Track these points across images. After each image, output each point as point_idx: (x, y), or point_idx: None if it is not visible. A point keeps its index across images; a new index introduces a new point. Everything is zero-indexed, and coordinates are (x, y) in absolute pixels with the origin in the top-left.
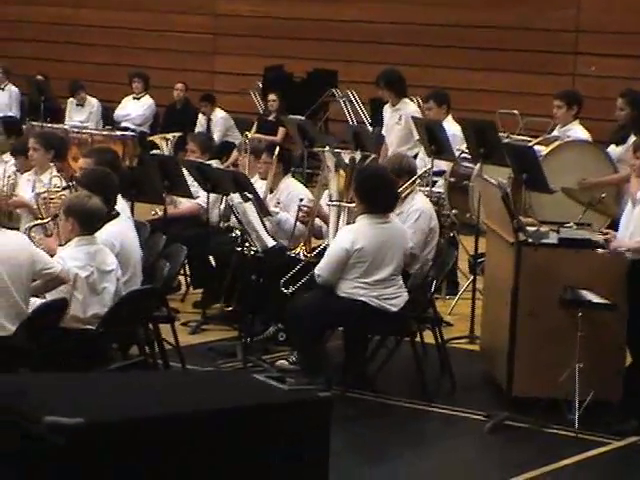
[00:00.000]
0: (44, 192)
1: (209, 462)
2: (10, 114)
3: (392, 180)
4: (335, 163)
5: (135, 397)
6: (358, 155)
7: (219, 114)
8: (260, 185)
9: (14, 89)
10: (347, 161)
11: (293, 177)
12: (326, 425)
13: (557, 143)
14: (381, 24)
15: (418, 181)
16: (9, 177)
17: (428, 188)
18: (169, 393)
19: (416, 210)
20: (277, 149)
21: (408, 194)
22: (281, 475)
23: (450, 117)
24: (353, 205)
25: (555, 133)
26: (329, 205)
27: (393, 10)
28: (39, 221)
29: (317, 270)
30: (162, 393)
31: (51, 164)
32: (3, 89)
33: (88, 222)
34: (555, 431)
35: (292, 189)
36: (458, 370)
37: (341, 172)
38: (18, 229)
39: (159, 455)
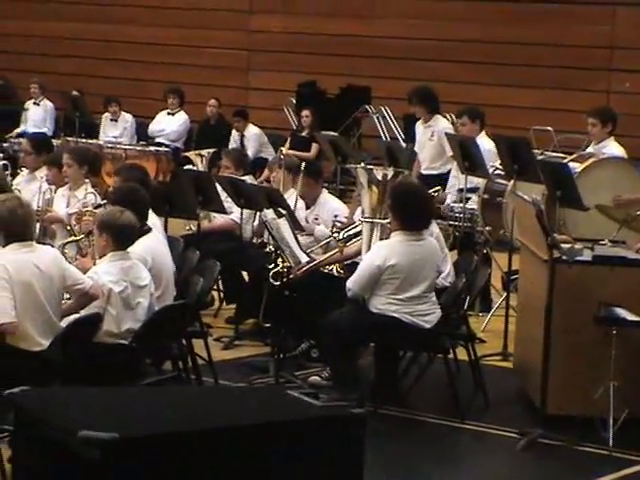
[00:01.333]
0: (77, 211)
1: (242, 477)
2: (41, 130)
3: (428, 197)
4: (368, 179)
5: (168, 412)
6: (390, 171)
7: (252, 130)
8: (293, 201)
9: (49, 104)
10: (380, 177)
11: None
12: (360, 441)
13: (591, 160)
14: (414, 40)
15: None
16: (44, 192)
17: (461, 205)
18: (202, 408)
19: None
20: (304, 165)
21: None
22: None
23: (484, 133)
24: (386, 221)
25: (590, 150)
26: (362, 221)
27: (426, 26)
28: (73, 238)
29: (349, 283)
30: (195, 408)
31: (86, 180)
32: (38, 104)
33: (121, 237)
34: (589, 449)
35: (330, 204)
36: (491, 387)
37: (374, 188)
38: (53, 245)
39: (192, 470)
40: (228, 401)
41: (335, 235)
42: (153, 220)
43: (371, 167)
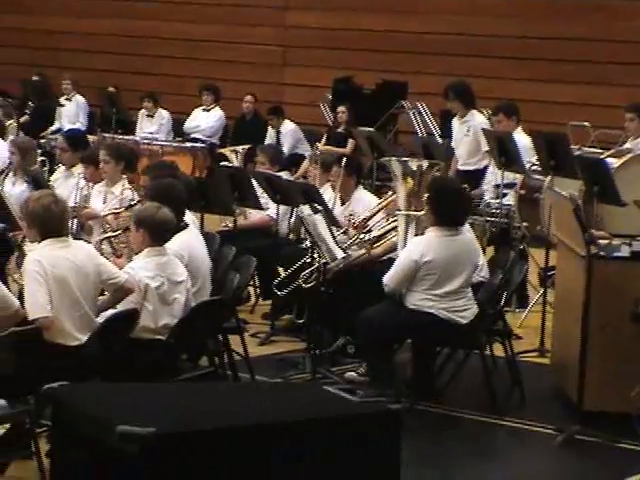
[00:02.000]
0: (113, 208)
1: (277, 474)
2: (74, 126)
3: (464, 194)
4: (402, 171)
5: (205, 408)
6: (425, 163)
7: (288, 126)
8: (329, 197)
9: (81, 99)
10: (414, 168)
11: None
12: (397, 437)
13: (629, 156)
14: (450, 35)
15: None
16: (81, 189)
17: (498, 200)
18: (239, 404)
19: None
20: (344, 160)
21: None
22: None
23: (520, 129)
24: (421, 213)
25: (627, 145)
26: (397, 214)
27: (462, 22)
28: (111, 233)
29: (385, 279)
30: (232, 404)
31: (123, 176)
32: (70, 100)
33: (158, 233)
34: (626, 445)
35: (365, 200)
36: (528, 383)
37: (408, 180)
38: (89, 242)
39: (228, 465)
40: (265, 397)
41: (362, 236)
42: (190, 216)
43: (405, 159)
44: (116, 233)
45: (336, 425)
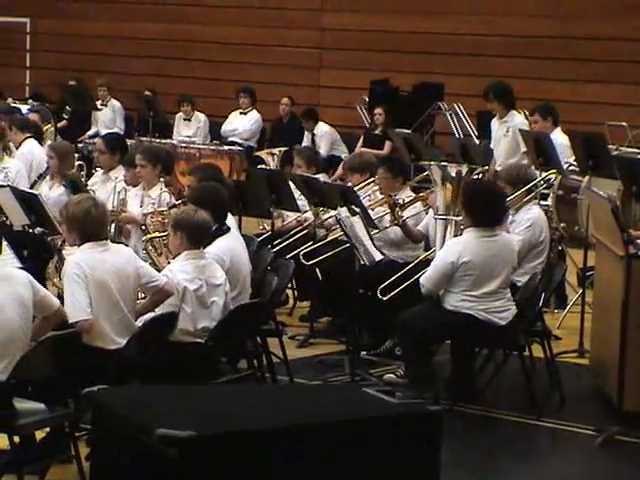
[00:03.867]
0: (151, 212)
1: (320, 475)
2: (114, 130)
3: (500, 194)
4: (442, 176)
5: (245, 410)
6: (465, 168)
7: (323, 128)
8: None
9: (116, 104)
10: (454, 174)
11: None
12: (437, 439)
13: None
14: (486, 37)
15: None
16: (119, 192)
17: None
18: (278, 406)
19: (528, 219)
20: (387, 162)
21: (524, 203)
22: None
23: (559, 129)
24: (459, 218)
25: None
26: (436, 218)
27: (498, 22)
28: (157, 234)
29: (422, 280)
30: (271, 406)
31: (160, 179)
32: (106, 105)
33: (196, 236)
34: None
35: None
36: (567, 384)
37: (448, 185)
38: (127, 245)
39: (270, 468)
40: (304, 399)
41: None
42: (231, 220)
43: (445, 164)
44: (164, 234)
45: (376, 426)
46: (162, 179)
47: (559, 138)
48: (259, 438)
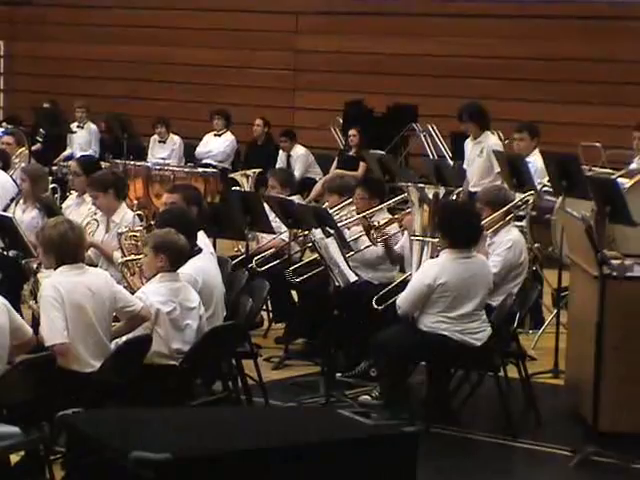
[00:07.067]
0: (126, 231)
1: None
2: (89, 152)
3: (475, 214)
4: (419, 198)
5: (220, 432)
6: (442, 190)
7: (299, 150)
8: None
9: (93, 127)
10: (431, 196)
11: None
12: (412, 460)
13: None
14: (460, 58)
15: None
16: (94, 215)
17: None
18: (253, 428)
19: (509, 240)
20: (363, 182)
21: (502, 225)
22: None
23: (537, 150)
24: (436, 240)
25: (634, 165)
26: (412, 239)
27: (472, 44)
28: (133, 257)
29: (398, 301)
30: (246, 428)
31: (121, 202)
32: (82, 127)
33: (178, 259)
34: None
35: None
36: (543, 405)
37: (425, 207)
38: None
39: None
40: (279, 421)
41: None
42: (205, 241)
43: (422, 186)
44: (139, 257)
45: (351, 448)
46: (123, 201)
47: (538, 160)
48: (234, 460)
